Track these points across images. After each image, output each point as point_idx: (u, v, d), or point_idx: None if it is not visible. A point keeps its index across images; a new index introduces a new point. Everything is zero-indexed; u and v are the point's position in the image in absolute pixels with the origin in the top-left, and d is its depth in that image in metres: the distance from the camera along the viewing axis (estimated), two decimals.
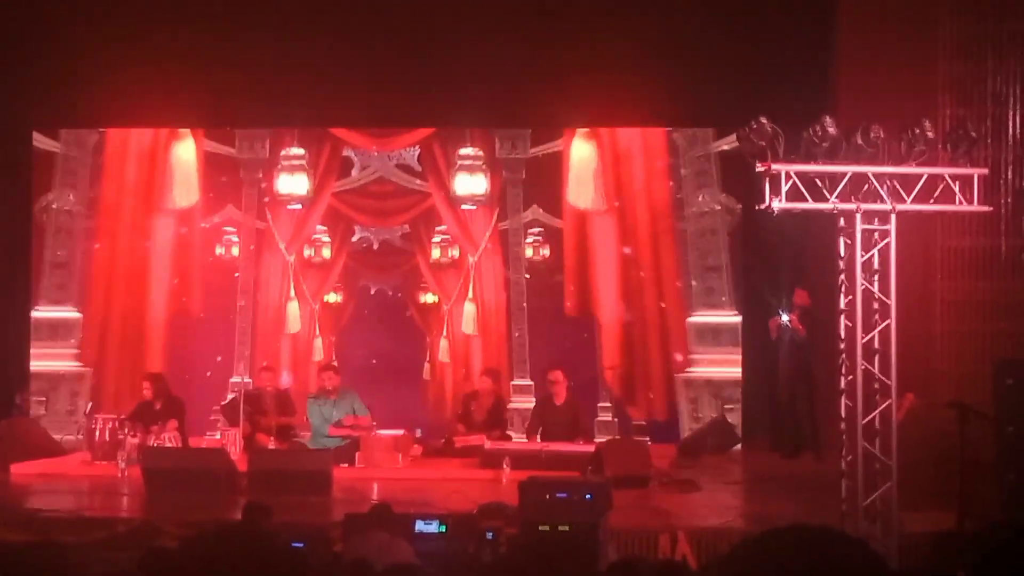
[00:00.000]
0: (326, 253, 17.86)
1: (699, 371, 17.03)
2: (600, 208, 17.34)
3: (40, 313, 17.46)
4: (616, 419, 16.63)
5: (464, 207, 17.60)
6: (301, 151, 17.70)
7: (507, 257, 17.60)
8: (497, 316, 17.61)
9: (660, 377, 17.13)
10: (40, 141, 17.34)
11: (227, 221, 17.82)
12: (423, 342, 17.77)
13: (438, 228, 17.70)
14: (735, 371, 16.72)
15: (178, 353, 17.55)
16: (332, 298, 17.97)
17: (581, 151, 17.33)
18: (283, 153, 17.69)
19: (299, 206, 17.75)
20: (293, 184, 17.68)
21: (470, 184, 17.51)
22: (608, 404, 16.86)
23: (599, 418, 16.82)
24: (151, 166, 17.63)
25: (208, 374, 17.50)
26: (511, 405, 16.89)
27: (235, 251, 17.80)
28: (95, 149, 17.59)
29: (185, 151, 17.59)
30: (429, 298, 17.82)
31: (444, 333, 17.63)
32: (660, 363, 17.14)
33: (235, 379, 17.24)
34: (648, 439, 16.01)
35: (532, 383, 17.16)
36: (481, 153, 17.53)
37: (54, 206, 17.52)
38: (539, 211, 17.50)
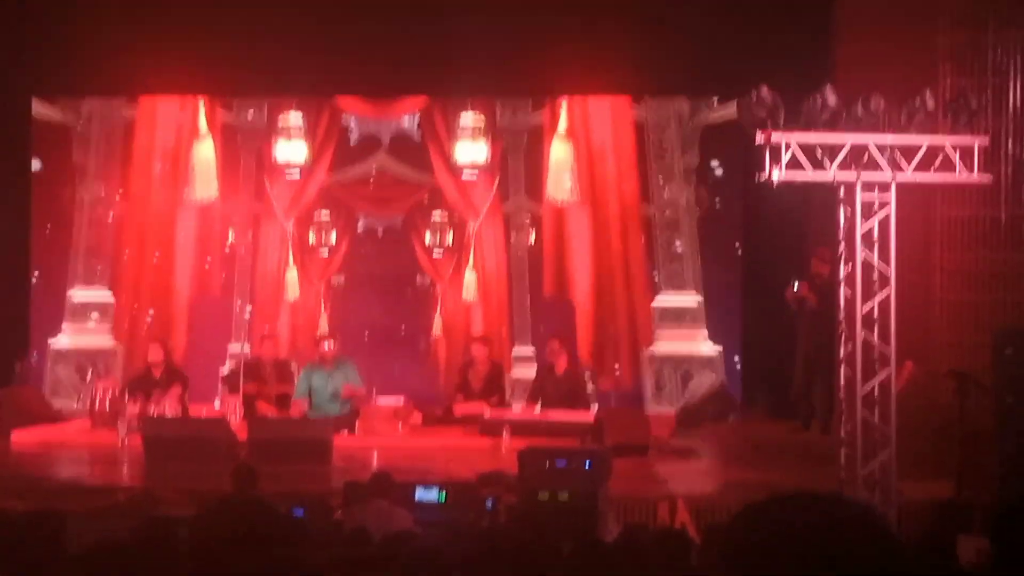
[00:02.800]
0: (331, 238, 17.89)
1: (663, 347, 17.30)
2: (575, 200, 17.48)
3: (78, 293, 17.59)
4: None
5: (465, 174, 17.58)
6: (299, 115, 17.64)
7: (508, 225, 17.65)
8: (498, 284, 17.66)
9: (627, 352, 17.40)
10: (47, 113, 17.40)
11: (243, 211, 17.88)
12: (421, 316, 17.82)
13: (433, 216, 17.76)
14: (696, 346, 17.05)
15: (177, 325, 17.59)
16: (338, 280, 18.02)
17: (558, 150, 17.41)
18: (281, 118, 17.64)
19: (297, 174, 17.68)
20: (291, 151, 17.61)
21: (471, 151, 17.48)
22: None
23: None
24: (175, 163, 17.65)
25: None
26: (513, 375, 16.91)
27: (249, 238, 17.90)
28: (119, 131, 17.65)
29: (206, 149, 17.56)
30: (424, 280, 17.92)
31: (438, 310, 17.65)
32: (627, 340, 17.39)
33: (234, 346, 17.25)
34: None
35: (533, 350, 17.14)
36: (483, 118, 17.52)
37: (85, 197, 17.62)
38: (524, 203, 17.70)
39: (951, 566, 6.44)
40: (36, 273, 17.45)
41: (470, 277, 17.59)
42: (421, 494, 10.18)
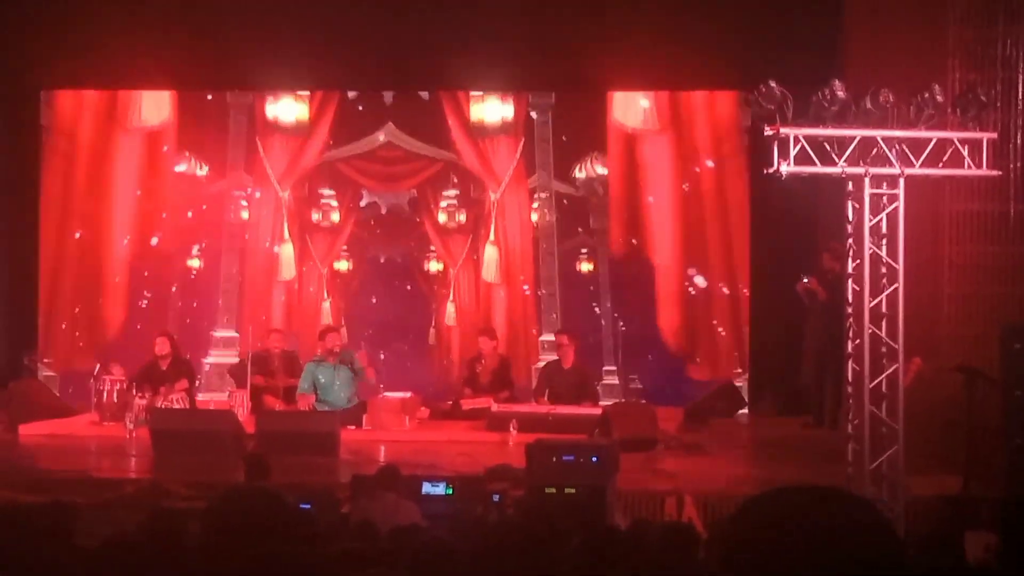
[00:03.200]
0: (335, 217, 17.57)
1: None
2: (653, 127, 16.53)
3: None
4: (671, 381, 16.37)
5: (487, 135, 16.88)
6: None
7: (533, 197, 16.96)
8: (523, 263, 17.10)
9: (729, 332, 16.61)
10: None
11: (233, 187, 17.57)
12: (429, 308, 17.70)
13: (445, 193, 17.37)
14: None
15: (150, 304, 17.32)
16: (342, 266, 17.83)
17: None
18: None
19: (299, 130, 17.17)
20: (285, 111, 17.04)
21: (492, 110, 16.70)
22: (613, 367, 16.69)
23: (604, 381, 16.73)
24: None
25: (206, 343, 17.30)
26: (539, 364, 16.62)
27: (244, 215, 17.45)
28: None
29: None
30: (434, 266, 17.66)
31: (451, 298, 17.52)
32: (728, 316, 16.62)
33: (220, 333, 17.16)
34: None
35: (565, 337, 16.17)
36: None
37: None
38: (544, 177, 17.06)
39: (959, 561, 6.43)
40: None
41: (491, 254, 17.06)
42: (428, 488, 10.18)
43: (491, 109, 16.65)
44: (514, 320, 17.15)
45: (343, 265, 17.77)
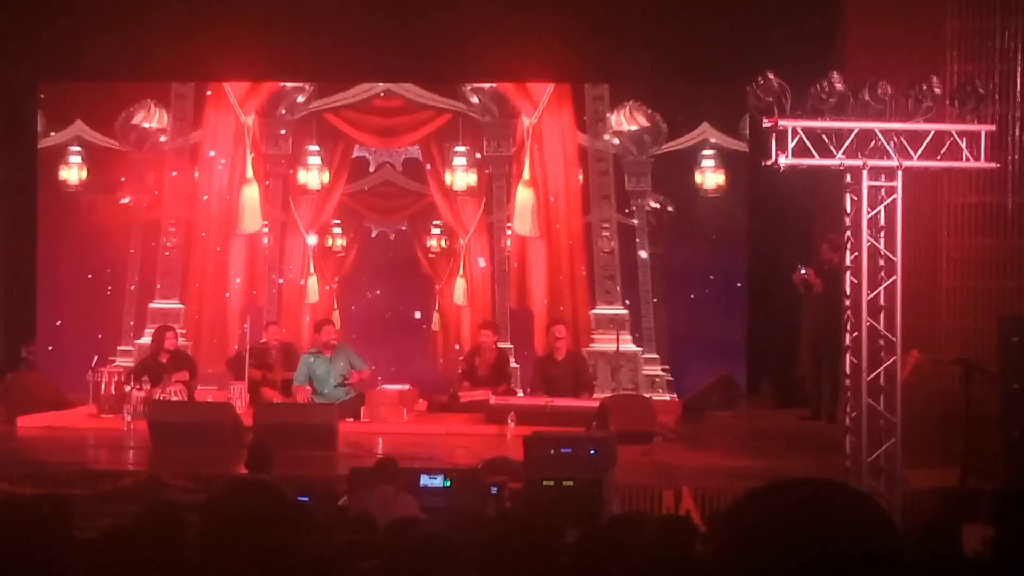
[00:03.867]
0: (341, 243, 18.22)
1: (597, 348, 17.57)
2: (535, 234, 17.93)
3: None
4: None
5: (458, 195, 18.07)
6: (317, 148, 18.02)
7: (492, 239, 18.03)
8: (484, 288, 18.05)
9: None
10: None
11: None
12: (432, 291, 17.98)
13: (433, 223, 18.04)
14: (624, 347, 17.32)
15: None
16: (336, 244, 18.33)
17: (523, 194, 17.85)
18: (305, 149, 18.03)
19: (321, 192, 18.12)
20: (311, 177, 18.09)
21: (464, 177, 17.99)
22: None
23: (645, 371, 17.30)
24: (229, 202, 18.07)
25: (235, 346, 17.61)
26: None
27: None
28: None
29: (252, 191, 18.01)
30: (438, 243, 18.25)
31: (461, 271, 17.86)
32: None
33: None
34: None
35: (511, 347, 17.42)
36: (471, 150, 17.95)
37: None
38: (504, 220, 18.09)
39: (956, 554, 6.43)
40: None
41: (460, 284, 17.99)
42: (426, 480, 10.20)
43: (464, 176, 18.19)
44: (558, 286, 17.92)
45: (337, 243, 18.28)
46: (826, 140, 10.06)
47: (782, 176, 10.19)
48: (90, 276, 17.52)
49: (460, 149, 17.94)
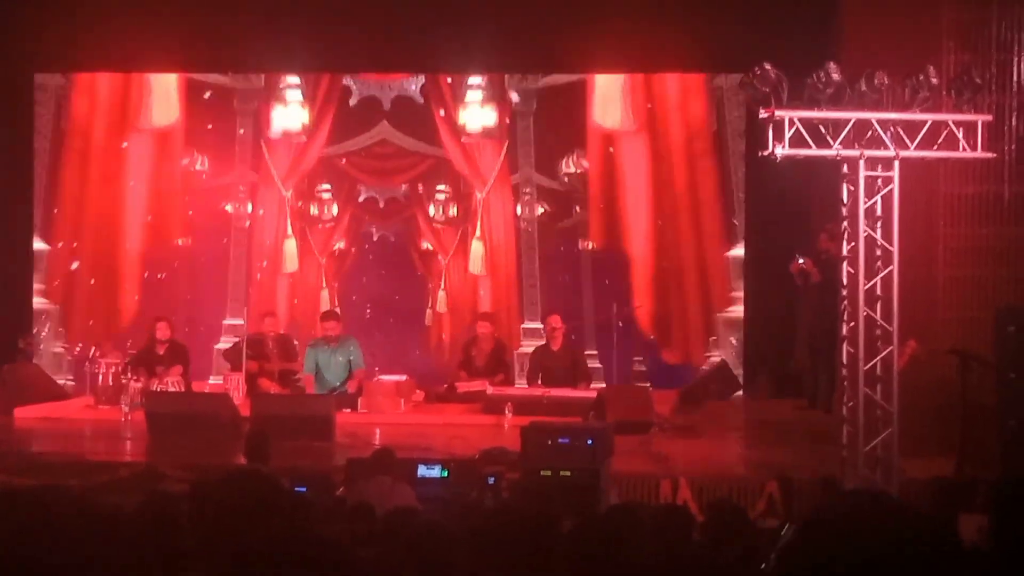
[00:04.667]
0: (334, 210, 17.68)
1: (740, 310, 16.43)
2: (629, 128, 16.77)
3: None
4: (645, 365, 16.43)
5: (472, 140, 17.12)
6: (296, 80, 17.22)
7: (517, 194, 17.25)
8: (507, 256, 17.37)
9: (698, 317, 16.82)
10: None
11: (239, 182, 17.59)
12: (425, 290, 17.72)
13: (438, 187, 17.48)
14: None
15: (159, 293, 17.46)
16: (338, 246, 17.89)
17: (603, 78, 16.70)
18: (280, 84, 17.36)
19: (302, 135, 17.33)
20: (289, 117, 17.27)
21: (479, 116, 17.00)
22: (595, 352, 16.66)
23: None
24: (125, 81, 17.23)
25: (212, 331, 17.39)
26: (520, 349, 16.85)
27: (248, 208, 17.59)
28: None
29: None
30: (428, 245, 17.77)
31: (442, 285, 17.56)
32: (698, 301, 16.77)
33: (230, 321, 17.21)
34: (649, 385, 15.97)
35: (542, 326, 16.56)
36: (488, 83, 17.09)
37: None
38: (532, 173, 17.21)
39: (953, 544, 6.44)
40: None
41: (477, 248, 17.30)
42: (424, 470, 10.19)
43: (478, 114, 16.95)
44: (497, 308, 17.28)
45: (339, 244, 17.85)
46: (823, 130, 10.06)
47: (778, 166, 10.18)
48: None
49: (475, 81, 16.92)
